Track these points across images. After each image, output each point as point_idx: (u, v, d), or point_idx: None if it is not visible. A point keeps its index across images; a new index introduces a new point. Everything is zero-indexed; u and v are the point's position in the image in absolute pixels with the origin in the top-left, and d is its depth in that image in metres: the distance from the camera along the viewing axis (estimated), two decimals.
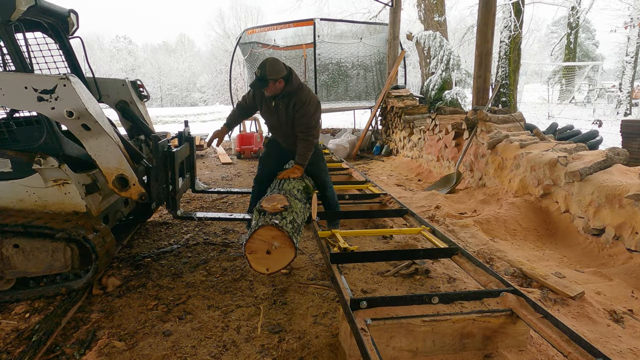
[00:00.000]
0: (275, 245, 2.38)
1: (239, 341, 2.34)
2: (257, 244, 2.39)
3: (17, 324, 2.57)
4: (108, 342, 2.35)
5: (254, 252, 2.40)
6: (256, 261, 2.41)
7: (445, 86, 11.11)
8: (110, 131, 2.88)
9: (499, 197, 4.74)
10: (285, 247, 2.40)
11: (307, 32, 10.64)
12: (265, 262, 2.41)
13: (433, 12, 12.50)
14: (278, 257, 2.41)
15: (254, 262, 2.40)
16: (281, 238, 2.39)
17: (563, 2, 17.32)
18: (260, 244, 2.39)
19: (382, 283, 2.98)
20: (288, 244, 2.40)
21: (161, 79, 45.85)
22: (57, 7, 3.27)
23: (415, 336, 2.09)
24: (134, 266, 3.35)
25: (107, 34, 52.13)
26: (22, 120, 2.97)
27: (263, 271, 2.42)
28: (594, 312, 2.52)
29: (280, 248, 2.39)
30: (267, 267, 2.42)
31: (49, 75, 2.93)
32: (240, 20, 42.28)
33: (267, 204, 2.67)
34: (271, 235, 2.38)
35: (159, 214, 4.76)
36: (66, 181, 2.87)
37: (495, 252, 3.38)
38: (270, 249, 2.39)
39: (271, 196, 2.86)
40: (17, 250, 2.75)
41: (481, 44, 6.01)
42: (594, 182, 3.61)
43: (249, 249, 2.39)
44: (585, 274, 3.14)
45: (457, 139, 6.12)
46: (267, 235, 2.38)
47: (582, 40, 28.45)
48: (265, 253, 2.40)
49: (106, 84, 3.76)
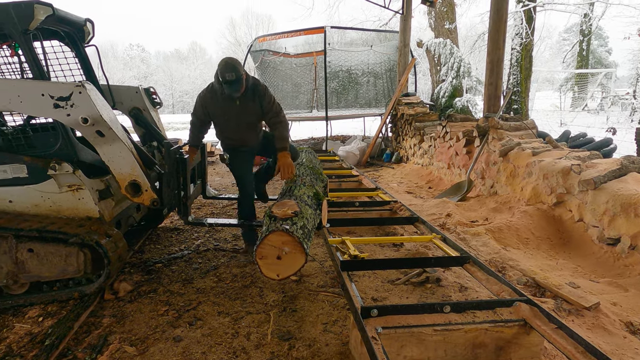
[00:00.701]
0: (285, 251, 2.39)
1: (249, 348, 2.34)
2: (268, 250, 2.40)
3: (30, 327, 2.60)
4: (119, 347, 2.36)
5: (265, 258, 2.40)
6: (267, 267, 2.41)
7: (456, 93, 11.08)
8: (124, 138, 2.92)
9: (511, 205, 4.69)
10: (295, 252, 2.40)
11: (317, 39, 10.74)
12: (275, 268, 2.41)
13: (444, 20, 12.51)
14: (289, 262, 2.41)
15: (264, 267, 2.41)
16: (292, 244, 2.39)
17: (575, 9, 17.19)
18: (271, 249, 2.39)
19: (392, 291, 2.95)
20: (299, 249, 2.40)
21: (173, 86, 46.40)
22: (74, 17, 3.34)
23: (427, 345, 2.07)
24: (145, 271, 3.38)
25: (120, 42, 53.04)
26: (38, 126, 3.02)
27: (273, 277, 2.42)
28: (610, 323, 2.47)
29: (290, 254, 2.39)
30: (278, 273, 2.42)
31: (65, 82, 3.00)
32: (251, 28, 42.75)
33: (278, 210, 2.67)
34: (282, 241, 2.39)
35: (170, 219, 4.79)
36: (80, 187, 2.91)
37: (507, 260, 3.34)
38: (281, 255, 2.39)
39: (282, 202, 2.87)
40: (32, 254, 2.79)
41: (492, 51, 5.98)
42: (609, 190, 3.56)
43: (260, 255, 2.39)
44: (600, 284, 3.08)
45: (468, 147, 6.08)
46: (277, 241, 2.39)
47: (594, 48, 28.18)
48: (276, 259, 2.40)
49: (120, 91, 3.82)
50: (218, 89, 3.27)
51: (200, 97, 3.39)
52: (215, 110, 3.38)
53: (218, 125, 3.49)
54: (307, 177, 3.65)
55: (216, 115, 3.40)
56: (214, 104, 3.34)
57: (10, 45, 2.92)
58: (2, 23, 2.76)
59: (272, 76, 11.62)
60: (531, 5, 10.78)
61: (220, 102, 3.33)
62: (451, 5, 12.66)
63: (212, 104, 3.35)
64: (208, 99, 3.36)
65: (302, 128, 17.32)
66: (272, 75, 11.61)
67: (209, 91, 3.36)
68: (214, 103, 3.34)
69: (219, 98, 3.32)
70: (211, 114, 3.40)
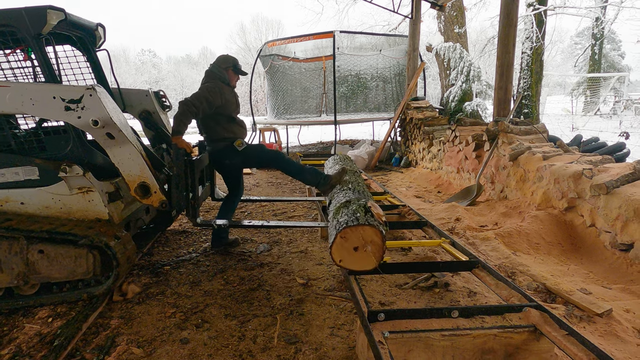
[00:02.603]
0: (367, 248, 2.33)
1: (255, 351, 2.33)
2: (354, 236, 2.33)
3: (40, 328, 2.63)
4: (127, 348, 2.37)
5: (345, 239, 2.33)
6: (339, 248, 2.34)
7: (466, 97, 11.01)
8: (134, 140, 2.94)
9: (521, 210, 4.64)
10: (373, 255, 2.34)
11: (326, 44, 10.74)
12: (345, 254, 2.36)
13: (453, 24, 12.46)
14: (360, 259, 2.37)
15: (336, 246, 2.34)
16: (377, 246, 2.34)
17: (587, 12, 17.04)
18: (357, 238, 2.33)
19: (400, 295, 2.93)
20: (378, 255, 2.34)
21: (184, 91, 46.75)
22: (86, 21, 3.40)
23: (434, 351, 2.04)
24: (153, 274, 3.39)
25: (132, 47, 53.77)
26: (49, 129, 3.06)
27: (336, 259, 2.36)
28: (623, 330, 2.42)
29: (368, 253, 2.34)
30: (342, 259, 2.36)
31: (76, 85, 3.04)
32: (261, 33, 43.02)
33: (375, 208, 2.59)
34: (372, 239, 2.33)
35: (178, 222, 4.82)
36: (90, 189, 2.94)
37: (517, 266, 3.29)
38: (360, 248, 2.33)
39: (373, 203, 2.78)
40: (42, 255, 2.83)
41: (502, 55, 5.94)
42: (622, 195, 3.50)
43: (345, 234, 2.32)
44: (613, 291, 3.02)
45: (477, 151, 6.03)
46: (369, 235, 2.33)
47: (607, 51, 27.86)
48: (353, 249, 2.34)
49: (130, 95, 3.87)
50: (225, 81, 3.59)
51: (214, 86, 3.49)
52: (231, 97, 3.61)
53: (229, 113, 3.59)
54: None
55: (232, 102, 3.61)
56: (228, 92, 3.58)
57: (24, 50, 2.97)
58: (15, 27, 2.81)
59: (281, 80, 11.67)
60: (542, 9, 10.69)
61: (230, 90, 3.63)
62: (461, 10, 12.62)
63: (227, 92, 3.57)
64: (223, 88, 3.54)
65: (311, 132, 17.36)
66: (281, 80, 11.66)
67: (220, 81, 3.58)
68: (227, 92, 3.57)
69: (228, 89, 3.60)
70: (229, 101, 3.57)
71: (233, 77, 3.68)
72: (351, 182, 3.40)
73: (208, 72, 3.62)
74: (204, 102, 3.38)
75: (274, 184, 7.56)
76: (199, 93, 3.40)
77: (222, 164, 3.69)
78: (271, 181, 7.85)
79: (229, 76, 3.63)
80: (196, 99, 3.35)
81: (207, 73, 3.62)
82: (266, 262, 3.62)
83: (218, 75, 3.58)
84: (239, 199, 3.97)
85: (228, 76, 3.63)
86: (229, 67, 3.62)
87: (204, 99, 3.38)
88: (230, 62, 3.64)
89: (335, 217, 2.62)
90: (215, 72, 3.59)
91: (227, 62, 3.63)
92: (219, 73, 3.59)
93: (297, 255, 3.78)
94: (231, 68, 3.63)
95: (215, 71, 3.59)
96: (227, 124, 3.56)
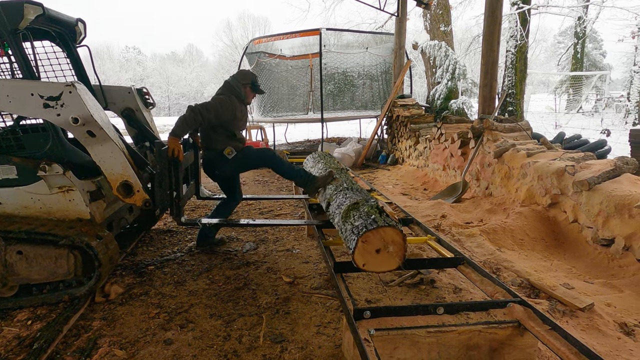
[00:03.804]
0: (389, 249, 2.29)
1: (240, 351, 2.31)
2: (376, 239, 2.28)
3: (19, 331, 2.56)
4: (109, 350, 2.33)
5: (366, 243, 2.29)
6: (361, 252, 2.30)
7: (451, 95, 11.11)
8: (115, 138, 2.88)
9: (506, 207, 4.69)
10: (396, 255, 2.30)
11: (313, 42, 10.70)
12: (368, 258, 2.31)
13: (439, 22, 12.55)
14: (383, 260, 2.32)
15: (359, 251, 2.29)
16: (399, 245, 2.30)
17: (569, 12, 17.30)
18: (379, 240, 2.29)
19: (386, 293, 2.93)
20: (400, 254, 2.30)
21: (169, 89, 46.28)
22: (65, 16, 3.31)
23: (420, 347, 2.04)
24: (137, 274, 3.34)
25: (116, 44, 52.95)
26: (28, 127, 2.99)
27: (360, 263, 2.31)
28: (604, 324, 2.46)
29: (391, 253, 2.30)
30: (365, 263, 2.31)
31: (54, 82, 2.96)
32: (247, 30, 42.74)
33: (386, 207, 2.54)
34: (392, 239, 2.30)
35: (163, 221, 4.76)
36: (71, 188, 2.88)
37: (502, 262, 3.33)
38: (382, 250, 2.30)
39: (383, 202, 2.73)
40: (21, 256, 2.75)
41: (487, 53, 5.99)
42: (603, 191, 3.56)
43: (366, 238, 2.28)
44: (595, 285, 3.07)
45: (463, 148, 6.08)
46: (390, 236, 2.29)
47: (589, 50, 28.35)
48: (375, 251, 2.30)
49: (112, 92, 3.79)
50: (241, 97, 3.58)
51: (227, 101, 3.47)
52: (240, 115, 3.58)
53: (235, 128, 3.57)
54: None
55: (240, 119, 3.59)
56: (239, 109, 3.55)
57: (0, 45, 2.89)
58: None
59: (268, 78, 11.60)
60: (526, 7, 10.82)
61: (242, 108, 3.62)
62: (446, 8, 12.70)
63: (239, 108, 3.56)
64: (237, 104, 3.53)
65: (298, 130, 17.33)
66: (267, 77, 11.59)
67: (235, 96, 3.55)
68: (238, 109, 3.54)
69: (240, 104, 3.58)
70: (237, 117, 3.54)
71: (249, 95, 3.66)
72: (345, 181, 3.37)
73: (226, 84, 3.60)
74: (212, 114, 3.36)
75: (261, 182, 7.52)
76: (210, 103, 3.39)
77: (213, 173, 3.67)
78: (257, 179, 7.81)
79: (245, 93, 3.61)
80: (205, 109, 3.33)
81: (225, 84, 3.60)
82: (252, 261, 3.59)
83: (235, 90, 3.55)
84: (236, 203, 3.94)
85: (245, 93, 3.61)
86: (248, 84, 3.60)
87: (213, 110, 3.36)
88: (249, 79, 3.61)
89: (347, 221, 2.57)
90: (232, 85, 3.56)
91: (246, 79, 3.61)
92: (236, 88, 3.56)
93: (283, 254, 3.76)
94: (249, 85, 3.61)
95: (233, 85, 3.57)
96: (225, 138, 3.54)
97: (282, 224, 3.77)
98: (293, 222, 3.80)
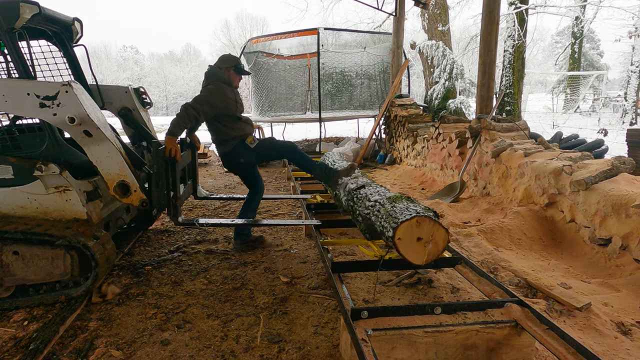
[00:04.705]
0: (429, 246, 2.24)
1: (237, 351, 2.30)
2: (427, 228, 2.22)
3: (15, 331, 2.55)
4: (106, 350, 2.32)
5: (418, 225, 2.22)
6: (408, 228, 2.23)
7: (449, 95, 11.12)
8: (112, 137, 2.87)
9: (503, 206, 4.69)
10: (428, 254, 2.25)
11: (311, 41, 10.70)
12: (407, 236, 2.24)
13: (437, 22, 12.56)
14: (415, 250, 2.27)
15: (408, 225, 2.22)
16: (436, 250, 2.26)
17: (567, 12, 17.34)
18: (428, 231, 2.23)
19: (384, 293, 2.93)
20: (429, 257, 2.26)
21: (167, 88, 46.20)
22: (62, 16, 3.30)
23: (417, 347, 2.04)
24: (134, 274, 3.33)
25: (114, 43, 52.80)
26: (24, 127, 2.97)
27: (397, 235, 2.23)
28: (601, 324, 2.46)
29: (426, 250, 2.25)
30: (401, 238, 2.24)
31: (51, 82, 2.95)
32: (245, 30, 42.74)
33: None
34: (436, 240, 2.25)
35: (160, 221, 4.75)
36: (67, 188, 2.86)
37: (499, 261, 3.33)
38: (423, 241, 2.25)
39: None
40: (17, 257, 2.74)
41: (485, 53, 6.00)
42: (600, 191, 3.56)
43: (422, 220, 2.22)
44: (592, 285, 3.08)
45: (460, 148, 6.08)
46: (439, 236, 2.24)
47: (586, 50, 28.42)
48: (417, 238, 2.25)
49: (109, 91, 3.78)
50: (227, 81, 3.55)
51: (215, 88, 3.46)
52: (234, 97, 3.57)
53: (233, 112, 3.55)
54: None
55: (235, 101, 3.57)
56: (229, 92, 3.54)
57: None
58: None
59: (266, 78, 11.59)
60: (523, 7, 10.84)
61: (232, 90, 3.59)
62: (444, 8, 12.71)
63: (230, 91, 3.55)
64: (224, 88, 3.50)
65: (296, 130, 17.32)
66: (265, 77, 11.58)
67: (221, 82, 3.53)
68: (229, 92, 3.53)
69: (228, 88, 3.56)
70: (232, 100, 3.52)
71: (235, 78, 3.65)
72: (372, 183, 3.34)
73: (207, 74, 3.58)
74: (205, 105, 3.35)
75: None
76: (200, 96, 3.38)
77: (236, 164, 3.66)
78: None
79: (230, 77, 3.60)
80: (197, 102, 3.33)
81: (206, 74, 3.59)
82: (250, 261, 3.59)
83: (219, 77, 3.55)
84: (260, 195, 3.90)
85: (230, 77, 3.60)
86: (231, 68, 3.59)
87: (204, 102, 3.35)
88: (232, 63, 3.60)
89: (400, 202, 2.50)
90: (215, 73, 3.56)
91: (228, 62, 3.60)
92: (219, 74, 3.56)
93: (281, 254, 3.75)
94: (232, 69, 3.60)
95: (214, 72, 3.56)
96: (232, 124, 3.54)
97: (280, 223, 3.76)
98: (291, 222, 3.80)
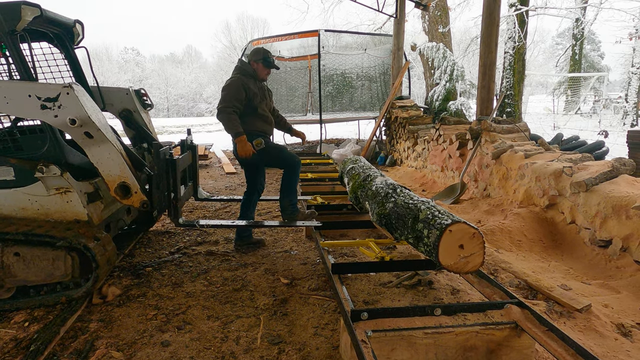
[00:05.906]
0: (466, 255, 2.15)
1: (238, 352, 2.30)
2: (475, 241, 2.14)
3: (15, 332, 2.55)
4: (106, 352, 2.32)
5: (468, 231, 2.15)
6: (459, 230, 2.15)
7: (450, 97, 11.12)
8: (113, 139, 2.88)
9: (504, 208, 4.69)
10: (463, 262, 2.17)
11: (312, 43, 10.71)
12: (451, 237, 2.15)
13: (437, 24, 12.57)
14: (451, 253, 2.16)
15: (460, 226, 2.14)
16: (473, 263, 2.16)
17: (567, 13, 17.36)
18: (475, 244, 2.15)
19: (384, 294, 2.93)
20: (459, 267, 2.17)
21: (168, 90, 46.22)
22: (63, 18, 3.31)
23: (417, 349, 2.05)
24: (134, 275, 3.34)
25: (115, 45, 52.86)
26: (25, 128, 2.98)
27: (447, 228, 2.15)
28: (601, 325, 2.46)
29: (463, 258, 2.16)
30: (444, 236, 2.15)
31: (52, 83, 2.96)
32: (246, 32, 42.73)
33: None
34: (476, 255, 2.16)
35: (161, 223, 4.75)
36: (68, 189, 2.87)
37: (499, 263, 3.33)
38: (463, 250, 2.16)
39: None
40: (18, 258, 2.75)
41: (485, 55, 6.00)
42: (600, 192, 3.56)
43: (473, 228, 2.15)
44: (592, 286, 3.08)
45: (461, 149, 6.09)
46: (479, 252, 2.16)
47: (587, 52, 28.43)
48: (459, 245, 2.15)
49: (110, 93, 3.79)
50: (250, 73, 3.57)
51: (235, 81, 3.47)
52: (256, 89, 3.56)
53: (254, 105, 3.55)
54: None
55: (257, 94, 3.56)
56: (252, 84, 3.55)
57: None
58: None
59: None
60: (523, 9, 10.85)
61: (255, 83, 3.59)
62: (445, 9, 12.73)
63: (252, 84, 3.54)
64: (246, 80, 3.51)
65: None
66: None
67: (242, 74, 3.54)
68: (251, 84, 3.53)
69: (252, 82, 3.57)
70: (253, 92, 3.51)
71: (262, 71, 3.64)
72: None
73: (235, 67, 3.63)
74: (234, 100, 3.41)
75: None
76: (224, 93, 3.45)
77: (239, 159, 3.66)
78: None
79: (258, 69, 3.62)
80: (224, 101, 3.40)
81: (234, 68, 3.64)
82: (250, 262, 3.59)
83: (242, 69, 3.58)
84: (256, 197, 3.91)
85: (257, 69, 3.61)
86: (259, 60, 3.60)
87: (228, 97, 3.41)
88: (261, 55, 3.61)
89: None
90: (240, 65, 3.60)
91: (257, 55, 3.61)
92: (243, 66, 3.59)
93: (281, 255, 3.76)
94: (261, 61, 3.60)
95: (239, 65, 3.61)
96: (249, 118, 3.55)
97: (281, 225, 3.76)
98: (291, 224, 3.80)
